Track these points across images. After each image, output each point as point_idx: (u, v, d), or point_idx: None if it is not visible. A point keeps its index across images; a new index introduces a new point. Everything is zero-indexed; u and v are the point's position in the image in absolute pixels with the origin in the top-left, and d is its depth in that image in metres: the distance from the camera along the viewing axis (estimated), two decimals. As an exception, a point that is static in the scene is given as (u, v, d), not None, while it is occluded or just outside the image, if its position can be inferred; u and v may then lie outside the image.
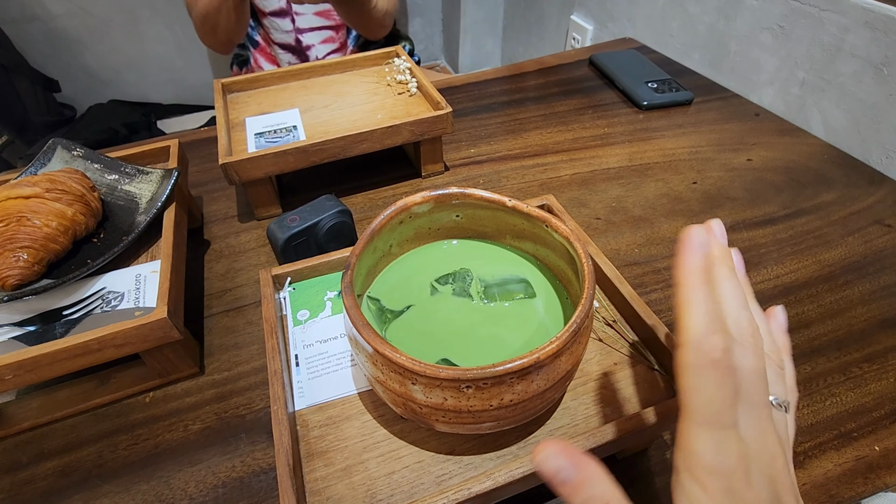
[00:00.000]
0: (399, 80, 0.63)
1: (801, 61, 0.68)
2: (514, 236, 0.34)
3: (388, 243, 0.32)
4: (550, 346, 0.23)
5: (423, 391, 0.24)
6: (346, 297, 0.26)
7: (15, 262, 0.37)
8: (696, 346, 0.19)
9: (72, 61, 1.27)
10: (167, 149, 0.52)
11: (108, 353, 0.35)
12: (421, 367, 0.23)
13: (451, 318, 0.31)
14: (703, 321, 0.19)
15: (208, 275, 0.50)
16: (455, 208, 0.33)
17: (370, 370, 0.26)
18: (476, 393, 0.23)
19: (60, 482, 0.35)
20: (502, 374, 0.22)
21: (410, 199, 0.31)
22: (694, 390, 0.18)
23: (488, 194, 0.32)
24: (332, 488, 0.28)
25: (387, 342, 0.24)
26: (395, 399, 0.25)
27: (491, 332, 0.30)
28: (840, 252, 0.50)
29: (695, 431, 0.18)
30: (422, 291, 0.32)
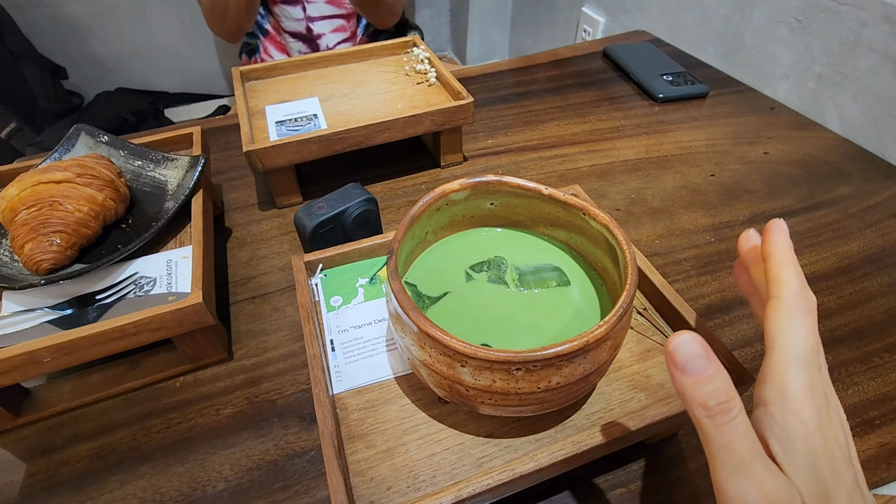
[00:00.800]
0: (418, 69, 0.63)
1: (819, 55, 0.68)
2: (548, 224, 0.34)
3: (424, 230, 0.33)
4: (599, 329, 0.24)
5: (472, 373, 0.24)
6: (393, 281, 0.26)
7: (49, 246, 0.37)
8: (795, 296, 0.21)
9: (78, 48, 1.26)
10: (189, 136, 0.52)
11: (143, 337, 0.35)
12: (472, 349, 0.23)
13: (488, 304, 0.31)
14: (798, 281, 0.22)
15: (232, 262, 0.50)
16: (491, 196, 0.33)
17: (416, 353, 0.26)
18: (525, 375, 0.24)
19: (96, 463, 0.36)
20: (552, 356, 0.23)
21: (448, 186, 0.31)
22: (790, 331, 0.20)
23: (525, 182, 0.32)
24: (374, 469, 0.28)
25: (436, 325, 0.24)
26: (441, 382, 0.26)
27: (528, 319, 0.30)
28: (858, 245, 0.51)
29: (791, 366, 0.20)
30: (457, 278, 0.33)
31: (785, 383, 0.20)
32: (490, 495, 0.26)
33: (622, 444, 0.29)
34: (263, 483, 0.34)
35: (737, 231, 0.52)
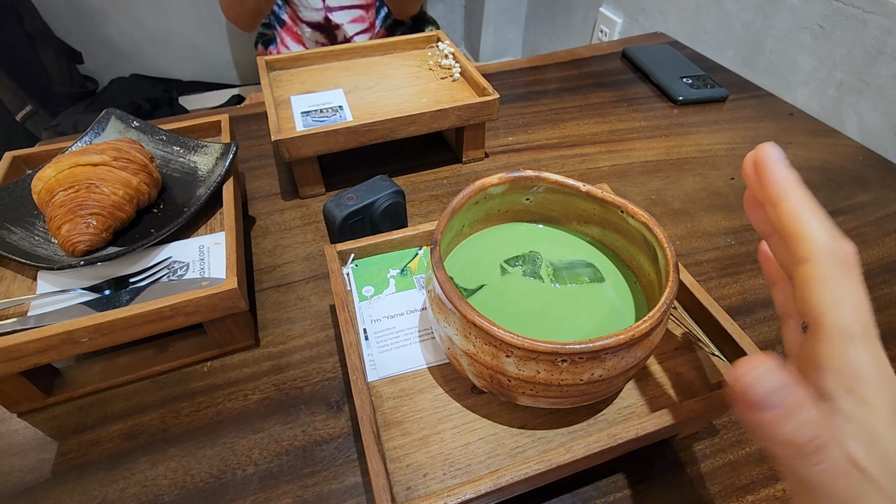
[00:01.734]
0: (443, 64, 0.64)
1: (840, 62, 0.68)
2: (582, 221, 0.35)
3: (461, 223, 0.33)
4: (644, 324, 0.24)
5: (517, 363, 0.25)
6: (438, 271, 0.27)
7: (85, 228, 0.37)
8: (831, 254, 0.17)
9: (94, 33, 1.26)
10: (217, 123, 0.52)
11: (178, 321, 0.36)
12: (519, 340, 0.24)
13: (524, 298, 0.32)
14: (827, 231, 0.17)
15: (256, 251, 0.51)
16: (527, 191, 0.34)
17: (459, 343, 0.26)
18: (570, 367, 0.24)
19: (127, 444, 0.36)
20: (599, 349, 0.23)
21: (487, 179, 0.32)
22: (839, 303, 0.16)
23: (564, 178, 0.32)
24: (411, 456, 0.29)
25: (482, 315, 0.25)
26: (483, 371, 0.26)
27: (564, 313, 0.31)
28: (877, 252, 0.51)
29: (851, 347, 0.16)
30: (492, 271, 0.33)
31: (851, 369, 0.16)
32: (525, 485, 0.27)
33: (653, 438, 0.29)
34: (292, 468, 0.35)
35: (757, 236, 0.53)
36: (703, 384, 0.32)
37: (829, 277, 0.17)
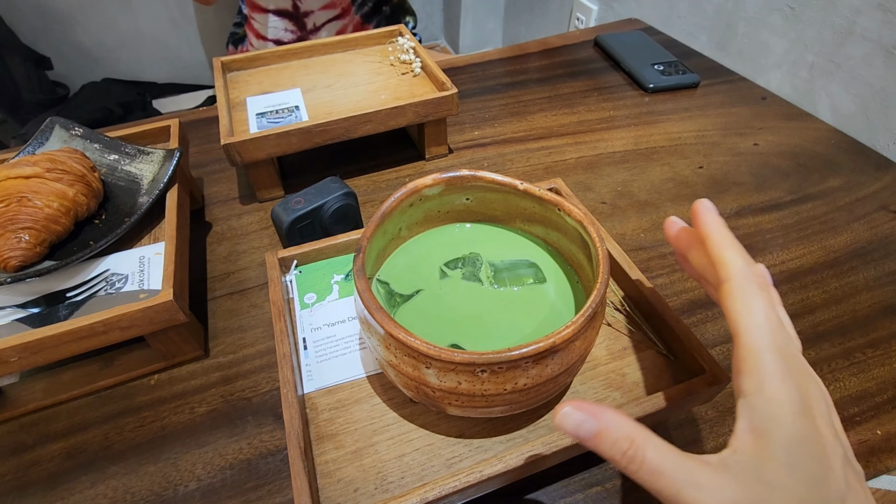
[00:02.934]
0: (402, 59, 0.62)
1: (811, 44, 0.67)
2: (525, 220, 0.34)
3: (397, 226, 0.32)
4: (566, 330, 0.23)
5: (437, 375, 0.23)
6: (359, 280, 0.25)
7: (17, 243, 0.36)
8: (744, 274, 0.21)
9: (63, 38, 1.24)
10: (167, 128, 0.51)
11: (113, 336, 0.35)
12: (436, 350, 0.23)
13: (461, 302, 0.31)
14: (743, 258, 0.21)
15: (210, 257, 0.50)
16: (465, 191, 0.32)
17: (382, 354, 0.25)
18: (491, 377, 0.23)
19: (67, 464, 0.35)
20: (517, 358, 0.22)
21: (421, 181, 0.31)
22: (751, 314, 0.20)
23: (500, 177, 0.31)
24: (342, 470, 0.28)
25: (400, 326, 0.24)
26: (408, 383, 0.25)
27: (502, 317, 0.30)
28: (846, 238, 0.50)
29: (764, 356, 0.19)
30: (431, 275, 0.32)
31: (759, 370, 0.19)
32: (458, 497, 0.26)
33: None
34: (236, 482, 0.34)
35: (723, 224, 0.52)
36: (650, 385, 0.31)
37: (743, 294, 0.20)
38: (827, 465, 0.18)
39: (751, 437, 0.19)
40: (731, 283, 0.21)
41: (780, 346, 0.19)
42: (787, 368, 0.19)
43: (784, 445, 0.18)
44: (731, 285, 0.21)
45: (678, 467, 0.19)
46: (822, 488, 0.18)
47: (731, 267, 0.21)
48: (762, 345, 0.19)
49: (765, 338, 0.19)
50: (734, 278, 0.21)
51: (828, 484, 0.18)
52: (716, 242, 0.22)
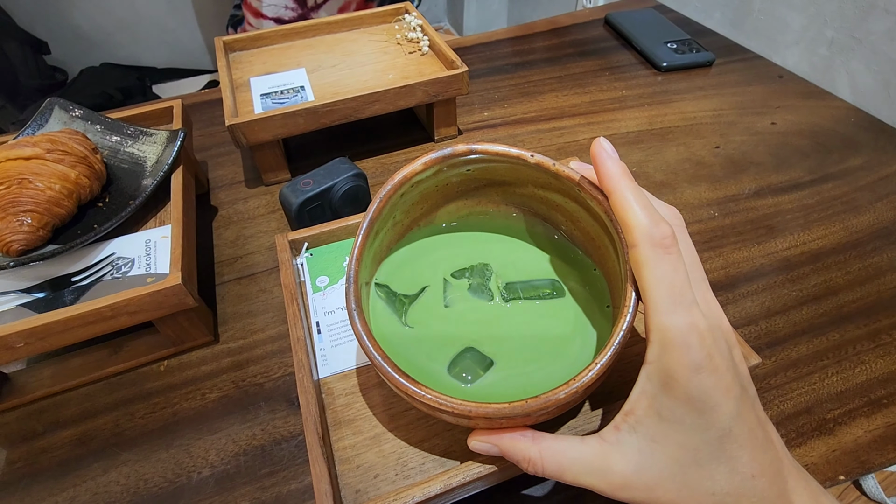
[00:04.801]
0: (410, 37, 0.60)
1: (831, 19, 0.65)
2: (539, 186, 0.31)
3: (389, 219, 0.30)
4: (588, 374, 0.21)
5: (453, 418, 0.22)
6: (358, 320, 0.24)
7: (19, 226, 0.35)
8: (650, 239, 0.20)
9: (61, 21, 1.21)
10: (170, 110, 0.49)
11: (121, 321, 0.34)
12: (449, 404, 0.21)
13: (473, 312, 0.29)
14: (646, 216, 0.21)
15: (217, 242, 0.49)
16: (465, 164, 0.30)
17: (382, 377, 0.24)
18: (507, 422, 0.22)
19: (78, 450, 0.35)
20: (536, 409, 0.21)
21: (411, 168, 0.27)
22: (656, 283, 0.20)
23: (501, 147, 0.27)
24: (361, 456, 0.27)
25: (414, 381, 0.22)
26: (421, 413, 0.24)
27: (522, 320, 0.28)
28: (868, 218, 0.49)
29: (665, 319, 0.20)
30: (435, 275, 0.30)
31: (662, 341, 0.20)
32: (481, 483, 0.25)
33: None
34: (250, 469, 0.33)
35: (742, 206, 0.50)
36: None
37: (647, 260, 0.20)
38: (712, 413, 0.19)
39: (644, 402, 0.20)
40: (637, 248, 0.21)
41: (684, 313, 0.19)
42: (688, 334, 0.19)
43: (673, 405, 0.19)
44: (637, 251, 0.21)
45: (573, 462, 0.21)
46: (702, 435, 0.19)
47: (636, 230, 0.21)
48: (666, 315, 0.19)
49: (669, 307, 0.20)
50: (640, 244, 0.20)
51: (708, 430, 0.19)
52: (620, 200, 0.21)
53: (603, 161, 0.22)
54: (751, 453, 0.20)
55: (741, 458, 0.20)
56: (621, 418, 0.21)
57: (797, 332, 0.40)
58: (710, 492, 0.20)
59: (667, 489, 0.20)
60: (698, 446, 0.20)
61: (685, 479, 0.20)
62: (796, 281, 0.43)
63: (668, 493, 0.20)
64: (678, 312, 0.19)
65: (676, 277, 0.20)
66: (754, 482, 0.20)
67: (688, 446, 0.20)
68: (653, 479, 0.20)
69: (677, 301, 0.20)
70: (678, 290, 0.20)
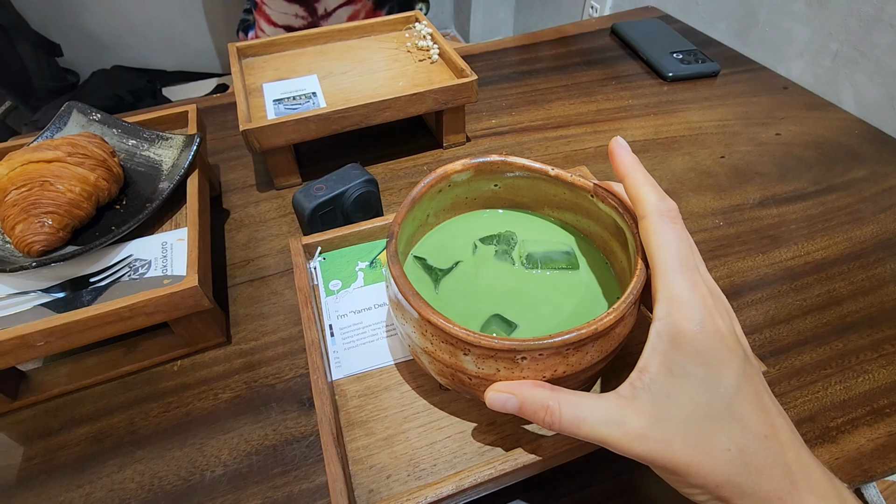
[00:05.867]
0: (420, 45, 0.61)
1: (836, 32, 0.65)
2: (554, 207, 0.33)
3: (425, 213, 0.31)
4: (608, 317, 0.23)
5: (476, 362, 0.23)
6: (393, 266, 0.25)
7: (40, 227, 0.36)
8: (658, 211, 0.23)
9: (73, 24, 1.23)
10: (185, 114, 0.50)
11: (138, 321, 0.35)
12: (476, 337, 0.22)
13: (500, 276, 0.30)
14: (655, 193, 0.24)
15: (229, 244, 0.49)
16: (494, 177, 0.32)
17: (417, 340, 0.25)
18: (531, 364, 0.23)
19: (93, 448, 0.36)
20: (559, 345, 0.22)
21: (450, 166, 0.30)
22: (664, 246, 0.22)
23: (531, 162, 0.31)
24: (374, 457, 0.28)
25: (438, 312, 0.23)
26: (443, 370, 0.25)
27: (541, 294, 0.29)
28: (872, 229, 0.49)
29: (672, 278, 0.22)
30: (466, 251, 0.32)
31: (670, 298, 0.21)
32: (492, 484, 0.26)
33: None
34: (262, 468, 0.34)
35: (747, 215, 0.51)
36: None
37: (656, 227, 0.23)
38: (720, 372, 0.21)
39: (656, 360, 0.21)
40: (647, 218, 0.23)
41: (689, 271, 0.22)
42: (693, 289, 0.21)
43: (683, 361, 0.21)
44: (646, 221, 0.23)
45: (591, 413, 0.21)
46: (712, 391, 0.21)
47: (646, 204, 0.24)
48: (673, 272, 0.22)
49: (677, 265, 0.22)
50: (650, 214, 0.23)
51: (718, 387, 0.21)
52: (633, 181, 0.25)
53: (619, 153, 0.25)
54: (759, 415, 0.21)
55: (750, 417, 0.21)
56: (636, 375, 0.22)
57: (801, 342, 0.40)
58: (725, 447, 0.20)
59: (683, 443, 0.20)
60: (710, 402, 0.21)
61: (699, 434, 0.20)
62: (800, 290, 0.44)
63: (684, 446, 0.20)
64: (684, 273, 0.22)
65: (682, 244, 0.22)
66: (767, 443, 0.21)
67: (700, 402, 0.21)
68: (669, 433, 0.21)
69: (683, 263, 0.22)
70: (683, 255, 0.22)
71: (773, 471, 0.20)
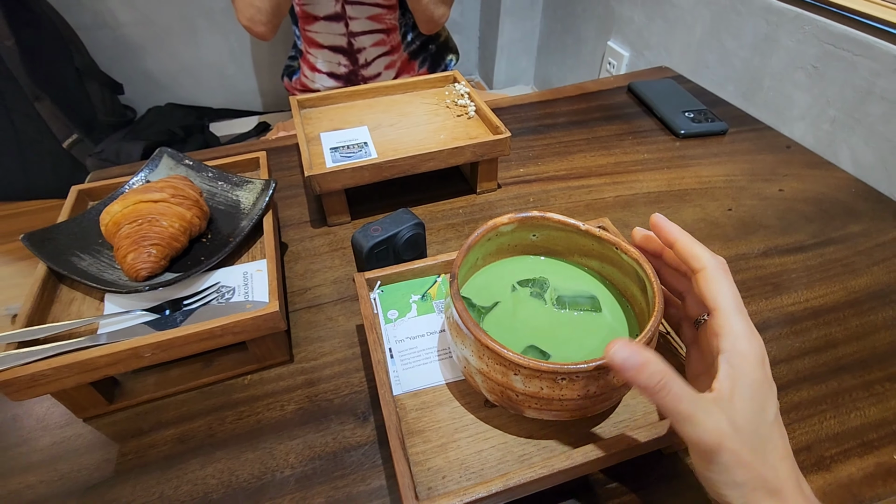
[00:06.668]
0: (459, 103, 0.69)
1: (833, 100, 0.72)
2: (583, 255, 0.39)
3: (476, 256, 0.38)
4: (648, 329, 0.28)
5: (524, 381, 0.29)
6: (456, 301, 0.31)
7: (147, 257, 0.43)
8: (714, 264, 0.29)
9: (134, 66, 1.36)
10: (256, 160, 0.58)
11: (226, 339, 0.41)
12: (525, 361, 0.28)
13: (533, 315, 0.36)
14: (708, 251, 0.30)
15: (289, 274, 0.56)
16: (534, 229, 0.38)
17: (474, 362, 0.31)
18: (568, 384, 0.28)
19: (178, 447, 0.41)
20: (592, 369, 0.28)
21: (499, 220, 0.37)
22: (724, 293, 0.28)
23: (565, 219, 0.37)
24: (431, 461, 0.33)
25: (495, 340, 0.29)
26: (494, 388, 0.31)
27: (568, 332, 0.35)
28: (866, 280, 0.54)
29: (734, 319, 0.27)
30: (505, 292, 0.38)
31: (733, 333, 0.27)
32: (532, 486, 0.31)
33: (643, 449, 0.33)
34: (325, 471, 0.39)
35: (751, 264, 0.57)
36: (691, 402, 0.36)
37: (716, 277, 0.29)
38: (767, 399, 0.27)
39: (728, 382, 0.26)
40: (705, 270, 0.29)
41: (743, 315, 0.28)
42: (750, 330, 0.27)
43: (746, 387, 0.26)
44: (706, 272, 0.29)
45: (692, 397, 0.26)
46: (763, 414, 0.27)
47: (702, 259, 0.29)
48: (733, 314, 0.27)
49: (734, 309, 0.27)
50: (707, 267, 0.29)
51: (766, 411, 0.27)
52: (685, 243, 0.30)
53: (664, 224, 0.32)
54: (783, 441, 0.28)
55: (779, 441, 0.27)
56: (716, 392, 0.27)
57: (799, 379, 0.45)
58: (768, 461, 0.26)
59: (746, 448, 0.26)
60: (760, 426, 0.27)
61: (756, 446, 0.26)
62: (799, 334, 0.49)
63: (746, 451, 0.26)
64: (741, 316, 0.27)
65: (736, 293, 0.28)
66: (785, 462, 0.27)
67: (755, 422, 0.26)
68: (740, 437, 0.26)
69: (739, 309, 0.28)
70: (738, 301, 0.28)
71: (788, 480, 0.27)
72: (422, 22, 1.05)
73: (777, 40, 0.79)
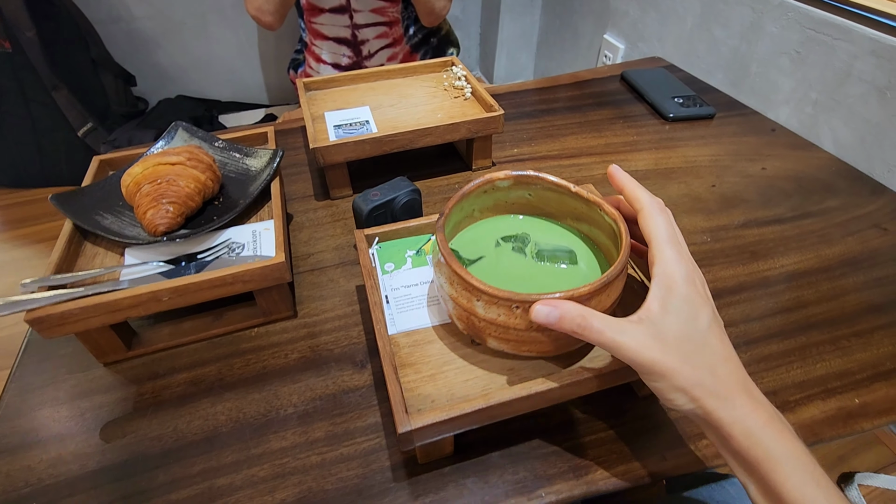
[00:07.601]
0: (456, 85, 0.73)
1: (815, 84, 0.75)
2: (574, 218, 0.42)
3: (472, 207, 0.41)
4: (583, 289, 0.31)
5: (484, 307, 0.32)
6: (438, 233, 0.34)
7: (165, 213, 0.47)
8: (650, 202, 0.34)
9: (147, 59, 1.40)
10: (264, 134, 0.62)
11: (237, 287, 0.44)
12: (485, 286, 0.31)
13: (513, 268, 0.39)
14: (648, 194, 0.34)
15: (294, 241, 0.60)
16: (529, 187, 0.41)
17: (447, 289, 0.34)
18: (521, 313, 0.32)
19: (191, 389, 0.45)
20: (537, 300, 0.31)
21: (495, 174, 0.40)
22: (657, 227, 0.32)
23: (557, 179, 0.40)
24: (421, 388, 0.36)
25: (465, 269, 0.32)
26: (462, 314, 0.34)
27: (545, 281, 0.38)
28: (839, 249, 0.57)
29: (665, 247, 0.31)
30: (490, 247, 0.41)
31: (664, 259, 0.31)
32: (512, 407, 0.34)
33: (613, 379, 0.36)
34: (324, 409, 0.43)
35: (731, 234, 0.60)
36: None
37: (651, 214, 0.33)
38: (697, 313, 0.30)
39: (657, 302, 0.30)
40: (643, 209, 0.33)
41: (676, 244, 0.32)
42: (679, 255, 0.31)
43: (675, 302, 0.30)
44: (644, 211, 0.33)
45: (613, 326, 0.30)
46: (694, 322, 0.30)
47: (642, 200, 0.34)
48: (665, 243, 0.31)
49: (666, 239, 0.32)
50: (645, 206, 0.33)
51: (698, 320, 0.30)
52: (630, 188, 0.35)
53: (616, 173, 0.36)
54: (722, 345, 0.31)
55: (717, 345, 0.30)
56: (642, 311, 0.30)
57: (770, 335, 0.48)
58: (700, 361, 0.29)
59: (674, 356, 0.29)
60: (691, 332, 0.30)
61: (685, 352, 0.29)
62: (772, 296, 0.52)
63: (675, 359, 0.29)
64: (672, 245, 0.31)
65: (671, 227, 0.32)
66: (727, 363, 0.30)
67: (684, 331, 0.30)
68: (665, 348, 0.29)
69: (672, 240, 0.32)
70: (671, 233, 0.32)
71: (729, 379, 0.30)
72: (423, 14, 1.09)
73: (762, 27, 0.82)
